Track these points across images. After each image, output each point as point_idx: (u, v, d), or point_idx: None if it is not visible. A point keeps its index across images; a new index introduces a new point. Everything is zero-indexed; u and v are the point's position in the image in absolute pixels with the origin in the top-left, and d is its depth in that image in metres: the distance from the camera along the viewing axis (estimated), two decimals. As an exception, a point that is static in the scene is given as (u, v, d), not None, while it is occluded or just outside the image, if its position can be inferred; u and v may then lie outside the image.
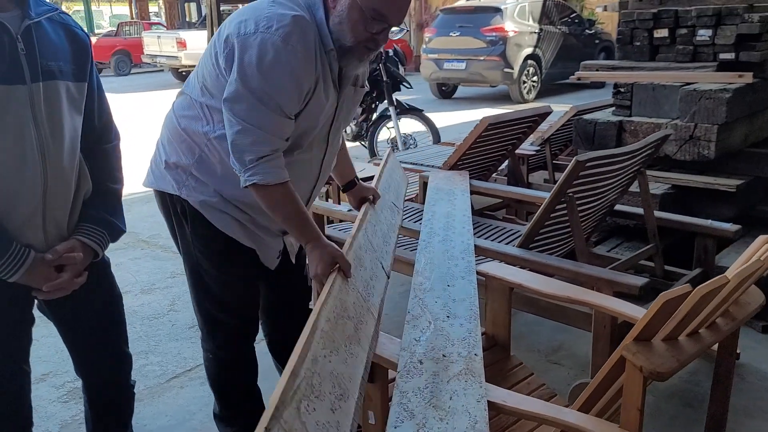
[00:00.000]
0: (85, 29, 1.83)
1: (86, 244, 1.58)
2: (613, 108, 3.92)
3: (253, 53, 1.54)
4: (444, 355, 1.59)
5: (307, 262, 1.85)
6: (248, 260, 1.88)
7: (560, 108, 5.58)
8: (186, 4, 23.50)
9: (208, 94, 1.71)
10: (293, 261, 1.99)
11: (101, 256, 1.65)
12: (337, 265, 1.62)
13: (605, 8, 5.15)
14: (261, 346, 2.11)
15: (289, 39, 1.54)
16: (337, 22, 1.60)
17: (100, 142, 1.65)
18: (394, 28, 1.71)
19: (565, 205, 2.52)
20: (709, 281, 1.41)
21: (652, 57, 3.93)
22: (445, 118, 9.08)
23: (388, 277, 1.93)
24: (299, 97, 1.61)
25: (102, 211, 1.63)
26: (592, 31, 12.32)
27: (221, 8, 6.19)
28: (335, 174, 2.14)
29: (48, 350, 2.91)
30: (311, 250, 1.67)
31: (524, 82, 10.96)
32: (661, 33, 3.83)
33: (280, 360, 2.22)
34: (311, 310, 1.46)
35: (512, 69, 10.66)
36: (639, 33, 3.94)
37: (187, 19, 22.32)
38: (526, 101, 10.82)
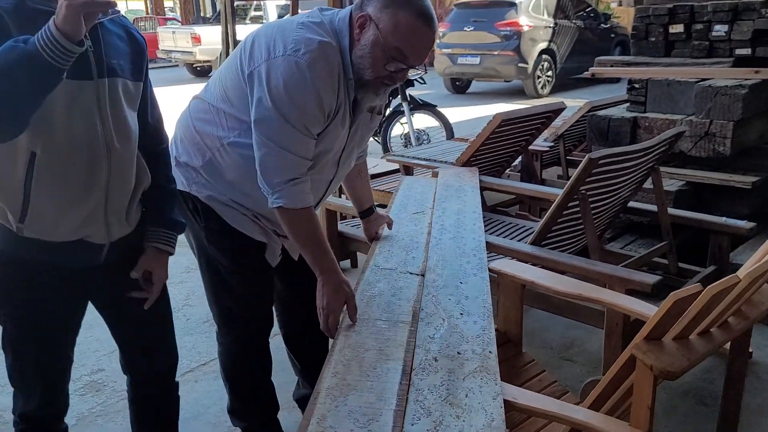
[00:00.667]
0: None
1: (161, 249, 1.69)
2: (628, 104, 3.90)
3: (280, 76, 1.59)
4: (459, 353, 1.60)
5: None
6: (260, 255, 1.91)
7: (575, 103, 5.55)
8: (200, -1, 23.57)
9: (228, 102, 1.75)
10: (295, 258, 1.99)
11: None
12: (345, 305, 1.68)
13: (620, 3, 5.12)
14: (276, 340, 2.13)
15: (315, 64, 1.59)
16: (359, 55, 1.63)
17: (153, 143, 1.70)
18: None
19: (577, 202, 2.52)
20: (720, 281, 1.40)
21: (668, 53, 3.91)
22: (459, 114, 9.04)
23: (423, 275, 1.98)
24: (323, 117, 1.66)
25: (166, 211, 1.73)
26: (608, 25, 12.21)
27: (235, 3, 6.19)
28: (353, 200, 2.19)
29: (66, 344, 2.95)
30: (324, 282, 1.69)
31: (539, 77, 10.90)
32: (677, 28, 3.81)
33: (295, 354, 2.25)
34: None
35: (527, 64, 10.60)
36: (654, 28, 3.92)
37: (202, 14, 22.37)
38: (540, 96, 10.75)
